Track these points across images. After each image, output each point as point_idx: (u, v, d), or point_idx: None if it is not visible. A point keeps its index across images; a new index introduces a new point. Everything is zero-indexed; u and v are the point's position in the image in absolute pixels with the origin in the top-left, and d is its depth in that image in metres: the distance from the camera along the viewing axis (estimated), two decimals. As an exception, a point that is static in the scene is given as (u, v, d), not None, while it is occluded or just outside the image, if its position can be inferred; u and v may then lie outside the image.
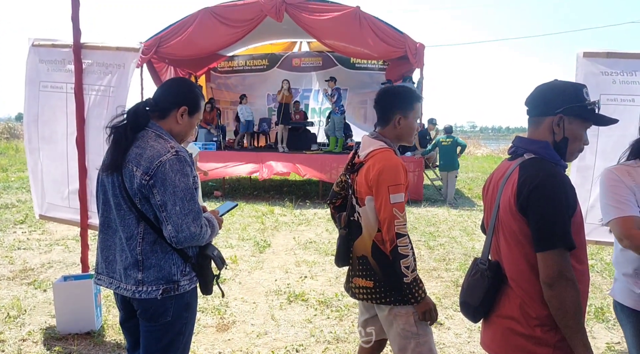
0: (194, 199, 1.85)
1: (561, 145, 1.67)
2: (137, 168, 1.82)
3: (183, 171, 1.84)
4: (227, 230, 7.28)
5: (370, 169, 2.11)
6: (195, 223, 1.82)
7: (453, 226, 7.90)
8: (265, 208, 9.28)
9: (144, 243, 1.86)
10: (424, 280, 5.11)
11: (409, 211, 9.06)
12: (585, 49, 3.40)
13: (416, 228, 7.70)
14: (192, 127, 2.08)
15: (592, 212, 3.37)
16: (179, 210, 1.79)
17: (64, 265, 5.47)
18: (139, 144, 1.88)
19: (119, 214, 1.90)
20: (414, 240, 6.88)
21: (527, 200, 1.55)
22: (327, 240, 6.79)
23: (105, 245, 1.99)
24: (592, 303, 4.41)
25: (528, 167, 1.61)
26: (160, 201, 1.80)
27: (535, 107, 1.72)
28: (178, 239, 1.81)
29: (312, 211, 9.18)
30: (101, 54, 3.64)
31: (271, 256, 6.01)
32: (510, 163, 1.75)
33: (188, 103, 2.01)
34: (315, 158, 10.72)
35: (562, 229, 1.51)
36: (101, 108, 3.60)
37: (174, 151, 1.85)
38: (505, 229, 1.66)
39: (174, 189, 1.80)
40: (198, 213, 1.85)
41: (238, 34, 10.65)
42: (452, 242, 6.80)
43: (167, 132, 1.97)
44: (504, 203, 1.65)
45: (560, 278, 1.49)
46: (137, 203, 1.85)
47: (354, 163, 2.26)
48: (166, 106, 1.99)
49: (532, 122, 1.74)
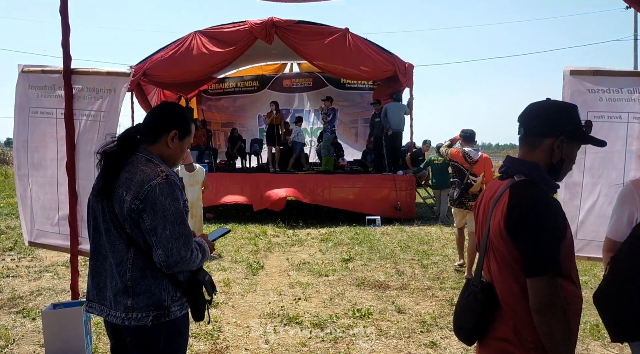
0: (185, 223, 1.85)
1: (557, 167, 1.68)
2: (127, 192, 1.82)
3: (173, 195, 1.84)
4: (219, 253, 7.22)
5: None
6: (185, 247, 1.82)
7: (446, 245, 7.88)
8: (258, 229, 9.23)
9: (134, 268, 1.85)
10: (418, 299, 5.09)
11: (401, 230, 9.06)
12: (572, 67, 3.45)
13: (409, 246, 7.69)
14: (182, 151, 2.08)
15: (582, 228, 3.39)
16: (169, 234, 1.79)
17: (54, 292, 5.38)
18: (129, 169, 1.88)
19: (108, 239, 1.89)
20: (407, 258, 6.87)
21: (516, 225, 1.55)
22: (321, 261, 6.75)
23: (96, 271, 1.97)
24: (587, 320, 4.40)
25: (518, 190, 1.61)
26: (150, 225, 1.79)
27: (534, 128, 1.70)
28: (168, 263, 1.80)
29: (305, 232, 9.14)
30: (91, 79, 3.66)
31: (264, 278, 5.95)
32: (501, 183, 1.74)
33: (178, 127, 2.02)
34: (307, 179, 10.73)
35: (552, 256, 1.50)
36: (92, 133, 3.60)
37: (164, 175, 1.85)
38: (496, 251, 1.65)
39: (164, 213, 1.80)
40: (188, 237, 1.85)
41: (228, 57, 10.74)
42: (446, 260, 6.78)
43: (158, 156, 1.98)
44: (494, 226, 1.65)
45: (549, 306, 1.48)
46: (127, 228, 1.84)
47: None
48: (156, 130, 2.00)
49: (527, 143, 1.71)
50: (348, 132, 15.52)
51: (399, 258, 6.94)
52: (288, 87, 15.84)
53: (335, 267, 6.42)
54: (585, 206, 3.38)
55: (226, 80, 16.05)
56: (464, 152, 6.17)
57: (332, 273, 6.14)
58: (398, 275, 6.04)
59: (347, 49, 10.23)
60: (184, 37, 10.66)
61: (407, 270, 6.30)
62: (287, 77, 15.96)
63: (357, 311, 4.66)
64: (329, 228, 9.49)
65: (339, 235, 8.68)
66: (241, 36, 10.35)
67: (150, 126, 2.02)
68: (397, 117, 10.58)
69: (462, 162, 6.13)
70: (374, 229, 9.27)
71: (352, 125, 15.71)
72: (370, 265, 6.54)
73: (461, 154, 6.16)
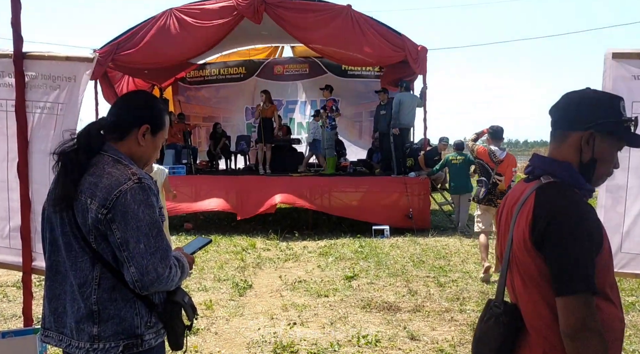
0: (161, 235, 1.84)
1: (588, 167, 1.66)
2: (91, 200, 1.80)
3: (147, 201, 1.83)
4: (200, 270, 7.20)
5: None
6: (163, 264, 1.80)
7: (467, 259, 7.89)
8: (245, 242, 9.22)
9: (101, 290, 1.83)
10: (434, 323, 5.08)
11: (414, 242, 9.06)
12: (615, 49, 3.41)
13: (423, 261, 7.69)
14: (156, 149, 2.08)
15: (627, 240, 3.35)
16: (144, 248, 1.78)
17: (3, 317, 5.35)
18: (94, 171, 1.86)
19: (69, 256, 1.87)
20: (421, 275, 6.87)
21: (543, 235, 1.54)
22: (319, 279, 6.75)
23: (54, 294, 1.94)
24: (635, 348, 4.39)
25: (545, 193, 1.60)
26: (120, 238, 1.78)
27: (561, 119, 1.71)
28: (143, 283, 1.78)
29: (300, 244, 9.13)
30: (48, 64, 3.63)
31: (253, 299, 5.94)
32: (526, 186, 1.73)
33: (150, 121, 2.00)
34: (303, 181, 10.72)
35: (585, 271, 1.49)
36: (48, 129, 3.57)
37: (135, 178, 1.84)
38: (520, 266, 1.64)
39: (137, 223, 1.78)
40: (166, 252, 1.84)
41: (210, 38, 10.74)
42: (467, 278, 6.78)
43: (127, 155, 1.96)
44: (518, 236, 1.64)
45: (582, 329, 1.47)
46: (92, 242, 1.82)
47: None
48: (124, 125, 1.98)
49: (555, 137, 1.73)
50: (350, 127, 15.53)
51: (411, 275, 6.93)
52: (280, 75, 15.85)
53: (337, 286, 6.41)
54: (631, 214, 3.36)
55: (207, 66, 16.06)
56: (490, 150, 6.91)
57: (333, 293, 6.14)
58: (410, 295, 6.03)
59: (349, 29, 10.25)
60: (157, 15, 10.66)
61: (421, 289, 6.29)
62: (278, 63, 15.98)
63: (362, 338, 4.65)
64: (328, 239, 9.48)
65: (341, 248, 8.67)
66: (224, 14, 10.35)
67: (116, 120, 2.00)
68: (410, 111, 10.59)
69: (488, 161, 6.88)
70: (382, 241, 9.26)
71: (355, 119, 15.72)
72: (378, 284, 6.54)
73: (487, 152, 6.91)
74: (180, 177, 11.00)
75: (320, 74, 15.40)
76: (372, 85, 14.72)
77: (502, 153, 6.94)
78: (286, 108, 15.84)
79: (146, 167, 2.09)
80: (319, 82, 14.41)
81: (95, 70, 10.79)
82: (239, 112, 16.28)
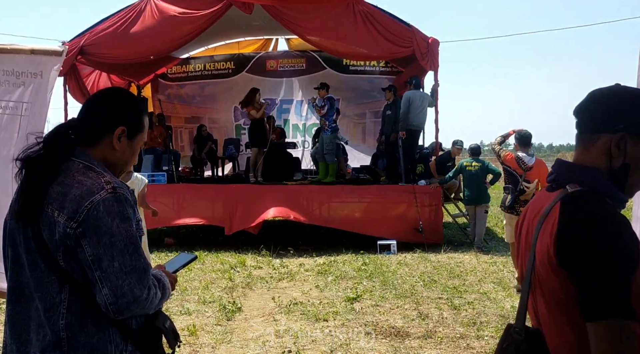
0: (139, 251, 1.84)
1: (619, 174, 1.64)
2: (59, 212, 1.80)
3: (123, 214, 1.83)
4: (182, 290, 7.19)
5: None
6: (140, 284, 1.80)
7: (484, 278, 7.88)
8: (233, 259, 9.21)
9: (70, 314, 1.82)
10: (447, 351, 5.06)
11: (424, 259, 9.05)
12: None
13: (435, 281, 7.68)
14: (133, 154, 2.07)
15: None
16: (119, 266, 1.77)
17: (-40, 344, 5.32)
18: (62, 180, 1.85)
19: (34, 276, 1.86)
20: (432, 296, 6.86)
21: (570, 252, 1.52)
22: (318, 301, 6.74)
23: (17, 319, 1.93)
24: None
25: (572, 204, 1.59)
26: (92, 256, 1.77)
27: (588, 120, 1.70)
28: (118, 306, 1.77)
29: (296, 262, 9.12)
30: (10, 59, 3.64)
31: (243, 324, 5.93)
32: (549, 196, 1.72)
33: (127, 122, 2.00)
34: (299, 191, 10.71)
35: (619, 293, 1.46)
36: (10, 132, 3.57)
37: (109, 187, 1.83)
38: (544, 287, 1.63)
39: (111, 239, 1.78)
40: (144, 271, 1.83)
41: (194, 29, 10.75)
42: (484, 299, 6.77)
43: (100, 161, 1.96)
44: (541, 253, 1.62)
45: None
46: (60, 260, 1.81)
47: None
48: (97, 127, 1.98)
49: (582, 140, 1.71)
50: (353, 129, 15.56)
51: (421, 296, 6.92)
52: (273, 70, 15.88)
53: (337, 309, 6.40)
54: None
55: (191, 61, 16.10)
56: (518, 157, 7.27)
57: (333, 316, 6.12)
58: (421, 319, 6.02)
59: (350, 19, 10.28)
60: (134, 3, 10.70)
61: (433, 312, 6.28)
62: (271, 57, 16.00)
63: (367, 369, 4.64)
64: (328, 256, 9.47)
65: (342, 266, 8.66)
66: (211, 2, 10.38)
67: (88, 122, 1.99)
68: (421, 111, 10.61)
69: (516, 168, 7.27)
70: (388, 257, 9.26)
71: (358, 120, 15.74)
72: (384, 306, 6.53)
73: (515, 159, 7.28)
74: (161, 186, 10.98)
75: (318, 70, 15.41)
76: (376, 81, 14.76)
77: (531, 159, 7.26)
78: (280, 108, 15.84)
79: (122, 174, 2.09)
80: (317, 78, 14.34)
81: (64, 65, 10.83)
82: (227, 111, 16.29)
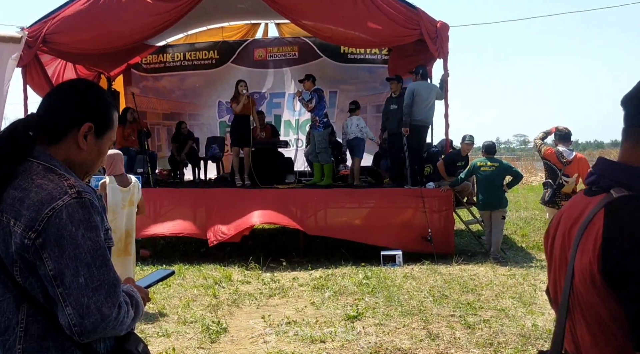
0: (108, 265, 1.82)
1: None
2: (15, 221, 1.78)
3: (89, 222, 1.81)
4: (159, 309, 7.17)
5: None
6: (109, 302, 1.78)
7: (502, 293, 7.88)
8: (218, 273, 9.20)
9: (28, 337, 1.80)
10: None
11: (434, 271, 9.05)
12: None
13: (446, 296, 7.68)
14: (101, 153, 2.06)
15: None
16: (84, 282, 1.75)
17: None
18: (19, 184, 1.84)
19: (-14, 294, 1.84)
20: (443, 314, 6.86)
21: (619, 268, 1.49)
22: (314, 319, 6.73)
23: (-33, 343, 1.92)
24: None
25: (620, 211, 1.56)
26: (54, 270, 1.75)
27: (638, 112, 1.64)
28: (83, 327, 1.75)
29: (289, 275, 9.12)
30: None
31: (229, 347, 5.93)
32: (589, 201, 1.70)
33: (94, 118, 1.99)
34: (292, 195, 10.70)
35: None
36: (-37, 129, 3.55)
37: (73, 192, 1.82)
38: (586, 309, 1.60)
39: (75, 250, 1.76)
40: (114, 286, 1.82)
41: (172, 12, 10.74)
42: (502, 317, 6.77)
43: (63, 162, 1.95)
44: (582, 268, 1.59)
45: None
46: (17, 275, 1.80)
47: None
48: (60, 124, 1.97)
49: (630, 135, 1.66)
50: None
51: (430, 313, 6.92)
52: (262, 60, 15.88)
53: (336, 328, 6.39)
54: None
55: (169, 49, 16.11)
56: (558, 151, 8.80)
57: (331, 337, 6.13)
58: (430, 339, 6.03)
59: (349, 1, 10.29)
60: (103, -15, 10.67)
61: (444, 331, 6.29)
62: (260, 45, 16.01)
63: (369, 396, 4.63)
64: (325, 269, 9.49)
65: (341, 280, 8.66)
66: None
67: (50, 117, 1.98)
68: (428, 104, 10.60)
69: (555, 162, 8.79)
70: (393, 270, 9.26)
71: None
72: (389, 325, 6.52)
73: (555, 153, 8.80)
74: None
75: (313, 59, 15.41)
76: (378, 71, 14.77)
77: (571, 153, 8.86)
78: (270, 102, 15.82)
79: (87, 176, 2.08)
80: (311, 68, 14.33)
81: (24, 53, 10.80)
82: (210, 107, 16.29)
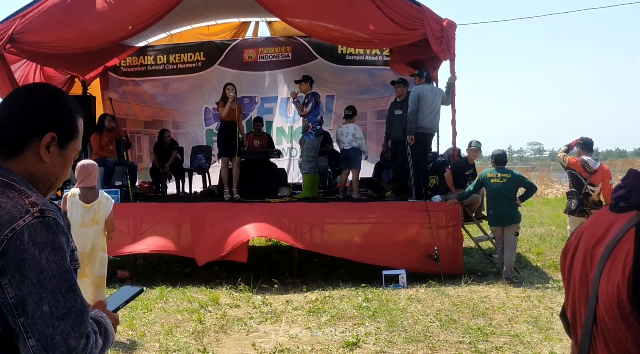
0: (75, 290, 1.80)
1: None
2: (-28, 243, 1.77)
3: (54, 243, 1.79)
4: (139, 336, 7.14)
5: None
6: (76, 332, 1.76)
7: (515, 317, 7.87)
8: (204, 295, 9.18)
9: (-13, 372, 1.79)
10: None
11: (441, 293, 9.02)
12: None
13: (455, 321, 7.67)
14: (66, 165, 2.05)
15: None
16: (49, 310, 1.74)
17: None
18: (-25, 202, 1.82)
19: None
20: (451, 340, 6.85)
21: None
22: (310, 346, 6.72)
23: None
24: None
25: None
26: (14, 298, 1.74)
27: None
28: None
29: (282, 298, 9.11)
30: None
31: (215, 378, 5.89)
32: (615, 218, 1.68)
33: (57, 127, 1.97)
34: (285, 209, 10.69)
35: None
36: None
37: (36, 210, 1.80)
38: (611, 338, 1.59)
39: (38, 276, 1.74)
40: (81, 314, 1.80)
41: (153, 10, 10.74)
42: (516, 343, 6.77)
43: (24, 177, 1.93)
44: (608, 294, 1.58)
45: None
46: (-26, 303, 1.78)
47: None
48: (19, 134, 1.95)
49: None
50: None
51: (437, 340, 6.92)
52: (252, 62, 15.89)
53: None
54: None
55: (150, 50, 16.12)
56: (583, 160, 9.62)
57: (328, 367, 6.08)
58: (437, 368, 5.99)
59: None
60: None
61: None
62: (250, 46, 16.04)
63: None
64: (321, 290, 9.48)
65: (339, 303, 8.65)
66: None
67: (7, 127, 1.96)
68: (433, 110, 10.60)
69: (581, 171, 9.59)
70: (396, 292, 9.26)
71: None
72: (391, 352, 6.52)
73: (580, 163, 9.63)
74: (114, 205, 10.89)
75: (308, 60, 15.42)
76: (379, 74, 14.81)
77: (596, 163, 9.70)
78: (261, 108, 15.81)
79: (51, 191, 2.06)
80: (306, 71, 14.24)
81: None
82: (195, 114, 16.29)
